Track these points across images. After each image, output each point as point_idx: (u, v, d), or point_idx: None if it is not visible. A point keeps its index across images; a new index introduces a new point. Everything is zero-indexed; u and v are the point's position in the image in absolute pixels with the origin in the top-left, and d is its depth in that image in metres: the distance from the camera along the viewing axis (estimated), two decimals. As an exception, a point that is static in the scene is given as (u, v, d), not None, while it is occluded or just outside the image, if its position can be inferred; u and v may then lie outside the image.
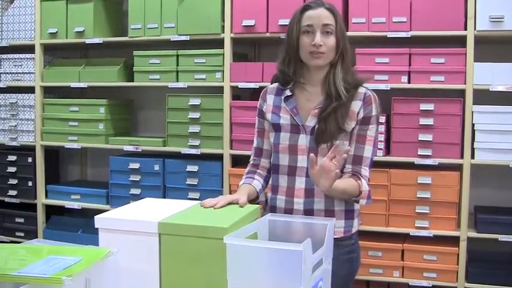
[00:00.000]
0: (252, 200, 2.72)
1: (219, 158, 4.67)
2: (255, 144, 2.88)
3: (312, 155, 2.42)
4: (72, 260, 1.79)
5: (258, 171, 2.85)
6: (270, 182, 2.82)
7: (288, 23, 2.75)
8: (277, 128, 2.74)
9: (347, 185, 2.60)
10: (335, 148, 2.35)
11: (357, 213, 2.79)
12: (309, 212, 2.67)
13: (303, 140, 2.67)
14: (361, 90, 2.70)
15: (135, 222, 2.14)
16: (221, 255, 1.93)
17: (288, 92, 2.74)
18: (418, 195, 4.18)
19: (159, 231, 2.09)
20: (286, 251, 1.84)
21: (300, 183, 2.69)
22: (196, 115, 4.67)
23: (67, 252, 1.89)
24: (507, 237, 4.05)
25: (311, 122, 2.67)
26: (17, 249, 1.94)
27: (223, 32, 4.59)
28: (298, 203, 2.69)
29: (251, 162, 2.90)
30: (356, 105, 2.66)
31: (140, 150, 4.92)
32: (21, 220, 5.36)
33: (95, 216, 2.20)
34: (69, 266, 1.74)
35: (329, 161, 2.35)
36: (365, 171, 2.69)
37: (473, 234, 4.14)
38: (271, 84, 2.88)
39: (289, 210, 2.69)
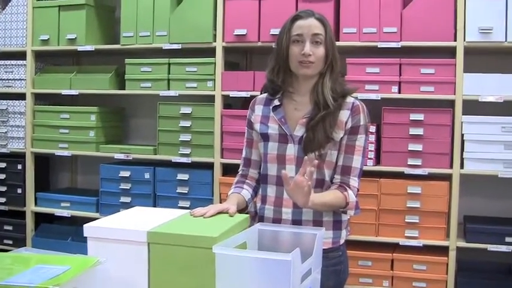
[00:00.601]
0: (241, 210, 2.71)
1: (210, 166, 4.66)
2: (243, 154, 2.88)
3: (284, 172, 2.39)
4: (60, 269, 1.78)
5: (247, 181, 2.84)
6: (259, 192, 2.82)
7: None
8: (265, 137, 2.74)
9: (330, 198, 2.58)
10: (305, 162, 2.33)
11: (345, 224, 2.78)
12: (297, 222, 2.65)
13: (291, 150, 2.66)
14: (349, 99, 2.70)
15: (124, 231, 2.13)
16: (210, 264, 1.93)
17: (276, 102, 2.74)
18: (407, 205, 4.19)
19: (148, 241, 2.09)
20: (275, 260, 1.85)
21: None
22: (187, 123, 4.67)
23: (55, 261, 1.89)
24: (496, 246, 4.07)
25: (299, 131, 2.66)
26: (5, 258, 1.94)
27: (215, 41, 4.60)
28: (287, 213, 2.67)
29: (240, 172, 2.89)
30: (344, 115, 2.66)
31: (131, 158, 4.92)
32: (10, 228, 5.33)
33: (84, 225, 2.20)
34: (57, 275, 1.74)
35: (300, 176, 2.33)
36: (354, 181, 2.67)
37: (463, 243, 4.15)
38: (261, 94, 2.88)
39: (277, 220, 2.68)
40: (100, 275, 1.92)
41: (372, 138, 4.27)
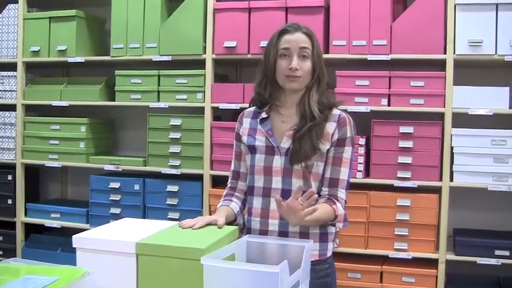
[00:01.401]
0: (230, 222, 2.71)
1: (199, 178, 4.66)
2: (232, 167, 2.89)
3: (277, 197, 2.41)
4: (49, 280, 1.78)
5: (236, 193, 2.85)
6: (247, 204, 2.82)
7: None
8: (252, 150, 2.75)
9: (320, 213, 2.53)
10: (305, 193, 2.34)
11: (332, 237, 2.77)
12: (283, 234, 2.65)
13: (278, 162, 2.67)
14: (336, 112, 2.72)
15: (113, 243, 2.13)
16: (198, 276, 1.93)
17: (263, 114, 2.76)
18: (397, 217, 4.20)
19: (136, 252, 2.09)
20: (263, 272, 1.85)
21: (275, 204, 2.62)
22: (177, 135, 4.67)
23: (43, 272, 1.89)
24: (486, 260, 4.07)
25: (286, 143, 2.68)
26: (-6, 268, 1.94)
27: (205, 53, 4.62)
28: (273, 224, 2.67)
29: (229, 185, 2.90)
30: (330, 127, 2.67)
31: (121, 169, 4.91)
32: (0, 238, 5.31)
33: (73, 236, 2.20)
34: (45, 286, 1.73)
35: (294, 200, 2.34)
36: (341, 193, 2.69)
37: (452, 256, 4.15)
38: (249, 107, 2.89)
39: (264, 232, 2.68)
40: (88, 286, 1.92)
41: (362, 150, 4.28)
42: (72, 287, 1.82)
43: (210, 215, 4.34)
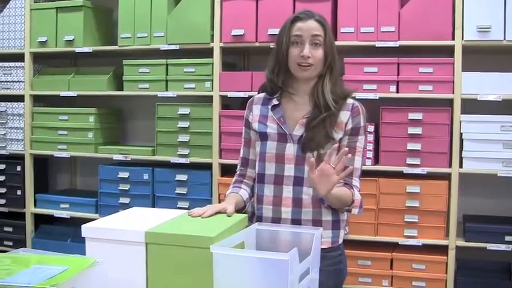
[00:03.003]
0: (239, 210, 2.72)
1: (208, 167, 4.66)
2: (241, 154, 2.89)
3: (312, 159, 2.42)
4: (58, 270, 1.78)
5: (245, 180, 2.85)
6: (256, 191, 2.82)
7: (277, 33, 2.77)
8: (263, 137, 2.74)
9: (342, 193, 2.61)
10: (334, 153, 2.41)
11: (343, 224, 2.79)
12: (296, 221, 2.66)
13: (290, 149, 2.67)
14: (349, 101, 2.72)
15: (122, 232, 2.13)
16: (208, 264, 1.93)
17: (275, 101, 2.76)
18: (406, 204, 4.19)
19: (146, 241, 2.09)
20: (273, 260, 1.85)
21: (288, 192, 2.68)
22: (185, 124, 4.67)
23: (53, 261, 1.89)
24: (496, 245, 4.06)
25: (299, 131, 2.68)
26: (3, 258, 1.94)
27: (213, 42, 4.60)
28: (286, 212, 2.68)
29: (238, 172, 2.90)
30: (344, 116, 2.68)
31: (129, 159, 4.92)
32: (10, 229, 5.33)
33: (82, 226, 2.20)
34: (55, 276, 1.74)
35: (326, 164, 2.38)
36: (356, 182, 2.72)
37: (462, 243, 4.15)
38: (258, 93, 2.89)
39: (276, 220, 2.68)
40: (98, 275, 1.92)
41: (371, 137, 4.27)
42: (82, 276, 1.83)
43: (219, 203, 4.36)
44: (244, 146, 2.87)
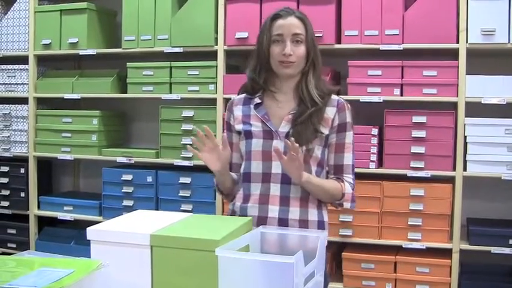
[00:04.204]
0: (228, 194, 2.82)
1: (212, 169, 4.65)
2: None
3: (276, 146, 2.50)
4: (64, 272, 1.78)
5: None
6: (240, 191, 2.78)
7: None
8: (248, 135, 2.74)
9: (328, 184, 2.66)
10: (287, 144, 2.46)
11: (327, 225, 2.79)
12: (283, 221, 2.65)
13: (277, 146, 2.64)
14: (334, 97, 2.75)
15: (127, 234, 2.13)
16: (213, 267, 1.93)
17: (257, 100, 2.76)
18: (410, 208, 4.19)
19: (151, 244, 2.08)
20: (278, 263, 1.84)
21: (275, 190, 2.68)
22: (189, 127, 4.67)
23: (58, 264, 1.89)
24: (500, 249, 4.06)
25: (285, 127, 2.68)
26: (8, 261, 1.93)
27: (217, 44, 4.60)
28: (273, 210, 2.67)
29: None
30: (330, 112, 2.70)
31: (133, 161, 4.91)
32: (13, 231, 5.34)
33: (87, 228, 2.20)
34: (60, 278, 1.73)
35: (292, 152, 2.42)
36: (348, 178, 2.73)
37: (466, 246, 4.14)
38: (238, 95, 2.88)
39: (263, 219, 2.66)
40: (103, 278, 1.92)
41: (374, 140, 4.27)
42: (88, 279, 1.82)
43: (223, 206, 4.36)
44: None
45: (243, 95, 2.85)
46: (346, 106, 2.74)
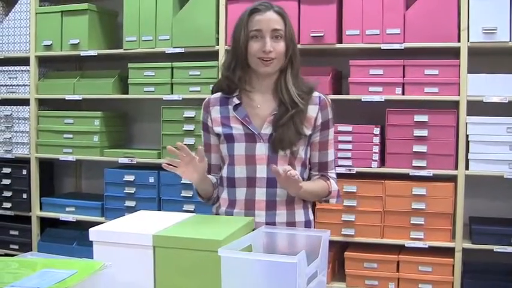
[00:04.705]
0: (208, 198, 2.78)
1: (214, 170, 4.66)
2: None
3: (273, 166, 2.42)
4: (67, 273, 1.78)
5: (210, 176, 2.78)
6: (224, 196, 2.73)
7: None
8: (230, 139, 2.66)
9: (316, 187, 2.65)
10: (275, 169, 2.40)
11: (313, 224, 2.80)
12: (270, 224, 2.60)
13: (262, 149, 2.61)
14: (315, 94, 2.69)
15: (130, 235, 2.13)
16: (216, 267, 1.93)
17: (235, 101, 2.67)
18: (412, 207, 4.19)
19: (153, 244, 2.08)
20: (281, 263, 1.84)
21: (261, 194, 2.63)
22: (191, 127, 4.67)
23: (61, 265, 1.88)
24: (502, 248, 4.06)
25: (267, 129, 2.62)
26: (11, 262, 1.93)
27: (218, 45, 4.60)
28: (260, 215, 2.62)
29: None
30: (312, 110, 2.65)
31: (135, 162, 4.91)
32: (16, 232, 5.34)
33: (90, 229, 2.19)
34: (63, 279, 1.73)
35: (291, 171, 2.38)
36: (332, 173, 2.74)
37: (469, 245, 4.14)
38: (212, 94, 2.80)
39: None
40: (106, 278, 1.92)
41: (376, 140, 4.27)
42: (90, 280, 1.82)
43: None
44: (205, 151, 2.72)
45: (218, 94, 2.75)
46: (328, 102, 2.70)
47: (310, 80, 2.76)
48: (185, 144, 4.46)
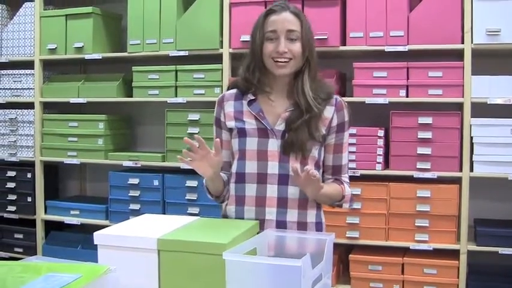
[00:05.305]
0: (218, 196, 2.75)
1: (218, 172, 4.66)
2: None
3: (293, 165, 2.39)
4: (71, 278, 1.78)
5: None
6: (233, 193, 2.70)
7: None
8: (242, 133, 2.64)
9: (332, 190, 2.61)
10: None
11: (324, 226, 2.75)
12: (281, 223, 2.59)
13: (274, 145, 2.59)
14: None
15: (135, 239, 2.13)
16: (220, 271, 1.93)
17: (250, 96, 2.65)
18: (417, 209, 4.18)
19: (158, 248, 2.08)
20: (286, 266, 1.84)
21: (272, 191, 2.59)
22: (195, 130, 4.67)
23: (66, 269, 1.88)
24: (507, 250, 4.05)
25: (281, 125, 2.59)
26: (15, 266, 1.93)
27: (222, 48, 4.61)
28: (271, 212, 2.59)
29: None
30: (328, 111, 2.62)
31: (139, 165, 4.92)
32: (20, 236, 5.35)
33: (94, 233, 2.20)
34: (68, 284, 1.73)
35: (312, 171, 2.34)
36: (346, 177, 2.71)
37: (473, 247, 4.13)
38: (228, 90, 2.79)
39: (260, 221, 2.54)
40: (111, 283, 1.92)
41: (381, 142, 4.28)
42: (95, 284, 1.82)
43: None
44: None
45: (234, 90, 2.74)
46: (344, 104, 2.66)
47: (328, 83, 2.73)
48: (189, 147, 4.49)
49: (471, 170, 4.12)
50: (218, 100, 2.78)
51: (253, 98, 2.65)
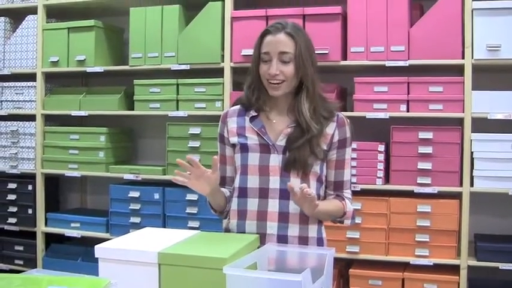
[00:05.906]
0: (221, 212, 2.75)
1: (219, 186, 4.66)
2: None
3: (289, 184, 2.41)
4: (72, 291, 1.79)
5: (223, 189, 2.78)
6: (235, 207, 2.71)
7: None
8: (244, 148, 2.66)
9: (332, 207, 2.63)
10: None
11: (325, 241, 2.76)
12: (282, 237, 2.60)
13: (275, 160, 2.61)
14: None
15: (135, 252, 2.14)
16: (221, 285, 1.93)
17: (253, 113, 2.68)
18: (417, 224, 4.18)
19: (159, 262, 2.09)
20: (286, 281, 1.85)
21: (273, 206, 2.61)
22: (196, 144, 4.68)
23: (66, 282, 1.89)
24: (508, 265, 4.04)
25: (282, 141, 2.61)
26: (14, 279, 1.94)
27: (223, 61, 4.62)
28: (272, 227, 2.61)
29: None
30: (330, 128, 2.64)
31: (140, 178, 4.92)
32: (21, 248, 5.34)
33: (96, 246, 2.20)
34: (69, 297, 1.74)
35: (307, 189, 2.35)
36: (347, 193, 2.72)
37: (474, 262, 4.12)
38: (233, 106, 2.82)
39: (261, 236, 2.57)
40: (111, 296, 1.93)
41: (381, 157, 4.28)
42: (96, 297, 1.83)
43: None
44: (220, 163, 2.77)
45: (237, 107, 2.77)
46: (346, 121, 2.68)
47: (333, 102, 2.75)
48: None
49: (471, 185, 4.12)
50: (222, 116, 2.81)
51: (256, 114, 2.68)
